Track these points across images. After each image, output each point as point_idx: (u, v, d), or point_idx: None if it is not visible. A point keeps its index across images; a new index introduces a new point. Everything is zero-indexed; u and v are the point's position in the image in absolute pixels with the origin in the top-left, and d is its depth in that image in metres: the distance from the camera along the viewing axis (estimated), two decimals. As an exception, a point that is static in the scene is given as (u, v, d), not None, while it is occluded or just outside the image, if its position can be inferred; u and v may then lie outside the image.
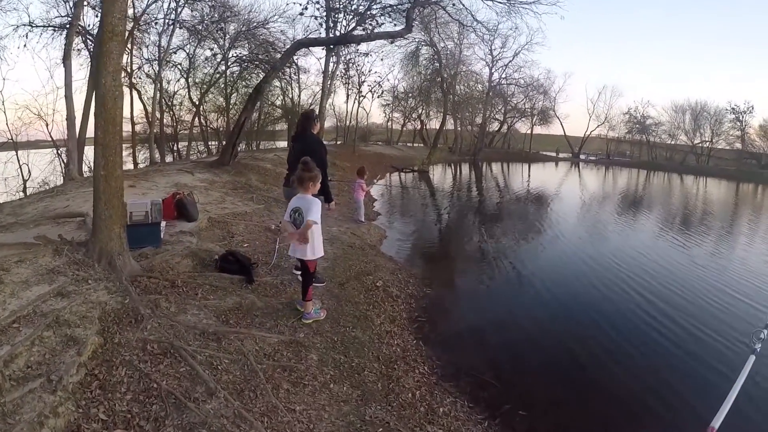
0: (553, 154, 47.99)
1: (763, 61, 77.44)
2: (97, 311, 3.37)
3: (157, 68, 17.99)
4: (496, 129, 45.37)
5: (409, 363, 3.83)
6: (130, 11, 15.85)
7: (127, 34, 16.70)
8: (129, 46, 17.20)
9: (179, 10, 16.91)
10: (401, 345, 4.11)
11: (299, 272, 4.89)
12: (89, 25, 14.89)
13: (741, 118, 40.74)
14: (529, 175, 27.70)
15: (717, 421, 2.09)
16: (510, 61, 35.23)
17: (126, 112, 18.80)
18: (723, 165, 40.29)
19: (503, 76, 36.58)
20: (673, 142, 45.82)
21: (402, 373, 3.61)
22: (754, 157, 40.18)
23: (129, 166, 18.36)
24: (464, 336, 4.61)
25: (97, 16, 14.35)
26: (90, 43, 14.85)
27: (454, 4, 12.65)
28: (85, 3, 13.99)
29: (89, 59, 14.67)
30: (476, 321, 5.01)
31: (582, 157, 47.33)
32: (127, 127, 19.31)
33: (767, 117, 49.19)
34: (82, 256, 3.94)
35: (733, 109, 40.75)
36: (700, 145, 43.95)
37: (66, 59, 11.86)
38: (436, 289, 5.74)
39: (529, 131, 47.64)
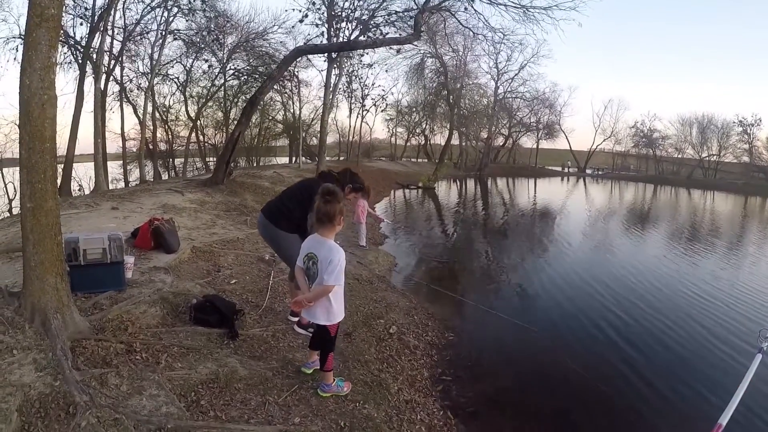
0: (559, 169, 47.14)
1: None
2: (17, 399, 2.43)
3: (150, 80, 17.25)
4: (501, 144, 44.51)
5: (439, 450, 2.89)
6: (121, 22, 15.18)
7: (120, 46, 16.16)
8: (122, 58, 16.54)
9: (171, 19, 16.21)
10: (426, 421, 3.16)
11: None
12: (80, 37, 14.26)
13: (748, 131, 39.95)
14: (535, 191, 26.83)
15: (725, 419, 2.07)
16: (516, 75, 34.65)
17: (117, 127, 18.12)
18: (730, 179, 39.26)
19: (508, 89, 35.96)
20: (680, 156, 44.98)
21: (432, 471, 2.67)
22: (761, 171, 39.26)
23: (121, 184, 17.56)
24: (501, 399, 3.69)
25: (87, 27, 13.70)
26: (79, 54, 14.12)
27: (466, 8, 11.84)
28: (72, 13, 13.31)
29: (78, 72, 13.98)
30: (513, 374, 4.09)
31: (588, 171, 46.47)
32: (119, 143, 18.60)
33: (775, 129, 48.49)
34: (12, 313, 3.01)
35: (740, 121, 39.99)
36: (708, 158, 43.09)
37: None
38: (459, 334, 4.77)
39: (534, 146, 46.88)
